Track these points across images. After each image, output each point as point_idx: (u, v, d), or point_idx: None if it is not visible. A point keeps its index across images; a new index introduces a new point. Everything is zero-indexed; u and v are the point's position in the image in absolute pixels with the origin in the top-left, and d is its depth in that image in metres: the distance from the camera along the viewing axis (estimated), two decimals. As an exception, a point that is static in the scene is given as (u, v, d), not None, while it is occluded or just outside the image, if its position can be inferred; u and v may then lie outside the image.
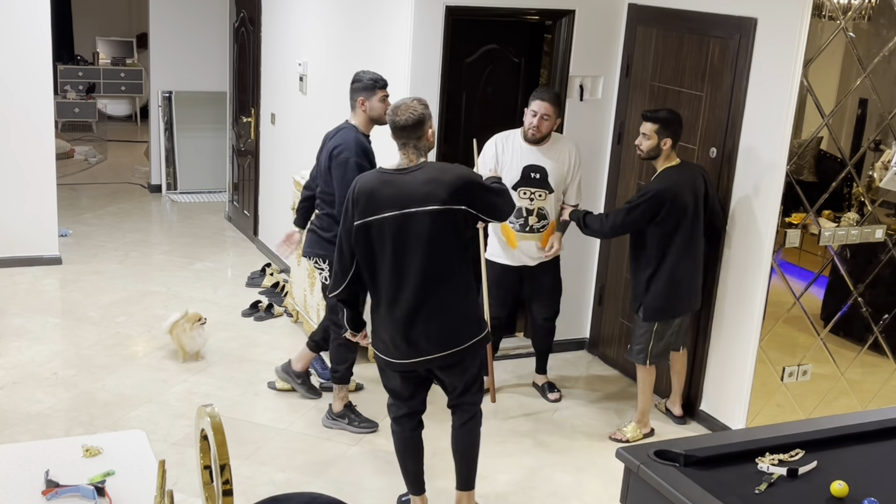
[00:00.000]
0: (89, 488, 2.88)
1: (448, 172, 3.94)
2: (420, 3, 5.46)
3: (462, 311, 4.01)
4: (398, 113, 3.95)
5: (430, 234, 3.86)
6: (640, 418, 5.31)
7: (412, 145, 3.97)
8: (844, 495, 2.87)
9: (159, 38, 9.57)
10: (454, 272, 3.97)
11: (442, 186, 3.86)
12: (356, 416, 5.23)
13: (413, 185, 3.88)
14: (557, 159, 5.29)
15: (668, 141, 4.94)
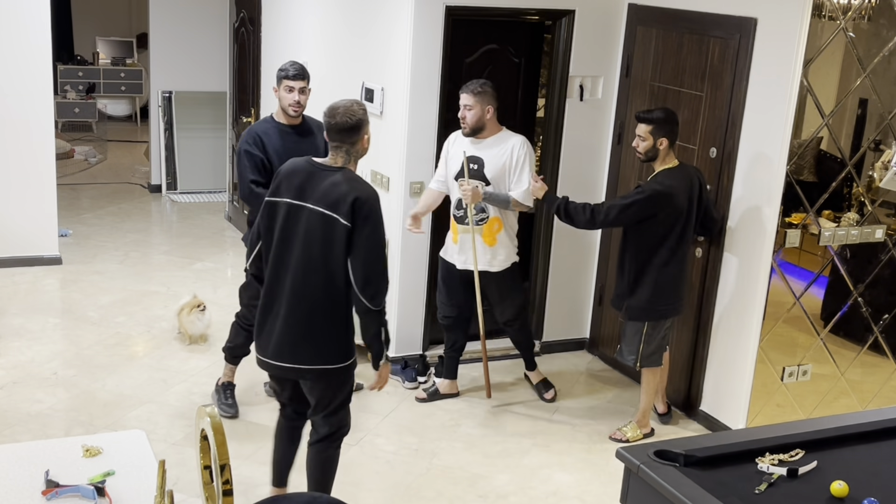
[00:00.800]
0: (89, 488, 2.88)
1: (359, 189, 3.74)
2: (420, 3, 5.46)
3: (317, 329, 3.82)
4: (335, 114, 3.83)
5: (312, 235, 3.75)
6: (641, 418, 5.31)
7: (344, 150, 3.83)
8: (844, 495, 2.87)
9: (159, 38, 9.56)
10: (325, 285, 3.77)
11: (344, 196, 3.70)
12: (225, 396, 5.30)
13: (321, 182, 3.77)
14: (498, 152, 5.18)
15: (664, 141, 4.92)
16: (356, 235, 3.70)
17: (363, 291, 3.73)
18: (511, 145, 5.18)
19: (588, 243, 6.29)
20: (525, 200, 5.19)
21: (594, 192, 6.17)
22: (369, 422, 5.29)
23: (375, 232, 3.75)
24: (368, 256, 3.72)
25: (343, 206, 3.69)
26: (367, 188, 3.80)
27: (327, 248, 3.73)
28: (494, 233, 5.26)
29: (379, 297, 3.77)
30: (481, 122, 5.13)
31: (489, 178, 5.19)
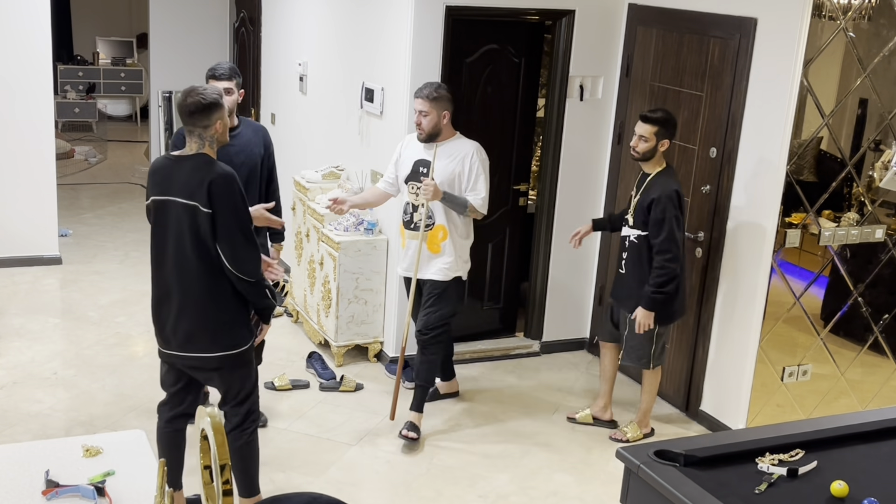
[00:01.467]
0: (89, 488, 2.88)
1: (213, 172, 3.74)
2: (420, 3, 5.46)
3: (210, 319, 3.88)
4: (187, 97, 3.78)
5: (181, 227, 3.80)
6: (642, 418, 5.31)
7: (197, 134, 3.79)
8: (844, 495, 2.87)
9: (159, 38, 9.57)
10: (204, 275, 3.83)
11: (200, 183, 3.72)
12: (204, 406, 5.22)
13: (179, 173, 3.79)
14: (449, 159, 4.98)
15: (665, 143, 4.91)
16: (218, 218, 3.72)
17: (235, 268, 3.78)
18: (464, 152, 4.99)
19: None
20: (481, 209, 5.02)
21: (594, 192, 6.17)
22: (369, 422, 5.29)
23: (235, 210, 3.76)
24: (233, 235, 3.76)
25: (200, 193, 3.71)
26: (221, 169, 3.77)
27: (197, 238, 3.77)
28: (439, 241, 5.06)
29: (252, 269, 3.82)
30: (437, 128, 4.96)
31: (438, 183, 4.97)
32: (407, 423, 5.10)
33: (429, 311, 5.12)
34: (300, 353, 6.11)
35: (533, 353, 6.34)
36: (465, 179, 4.98)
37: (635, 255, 5.04)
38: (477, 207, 5.01)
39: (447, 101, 4.95)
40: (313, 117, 6.95)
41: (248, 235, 3.83)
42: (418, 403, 5.15)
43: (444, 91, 4.96)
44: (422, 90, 4.96)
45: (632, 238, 5.04)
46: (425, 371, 5.16)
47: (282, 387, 5.60)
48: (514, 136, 6.18)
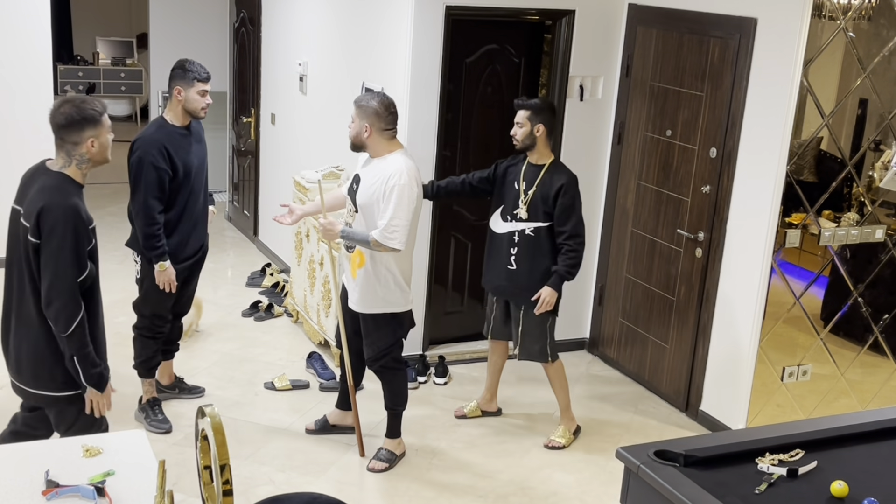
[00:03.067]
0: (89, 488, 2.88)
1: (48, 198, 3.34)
2: (420, 3, 5.46)
3: (33, 353, 3.49)
4: (60, 106, 3.43)
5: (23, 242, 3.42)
6: (565, 416, 5.27)
7: (65, 150, 3.42)
8: (844, 495, 2.87)
9: (159, 38, 9.57)
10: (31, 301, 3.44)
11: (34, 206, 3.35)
12: (154, 413, 5.10)
13: (34, 186, 3.42)
14: (373, 179, 4.53)
15: (540, 127, 4.87)
16: (42, 250, 3.34)
17: (46, 311, 3.40)
18: (387, 174, 4.48)
19: (588, 244, 6.28)
20: (386, 241, 4.42)
21: (594, 192, 6.17)
22: (369, 422, 5.29)
23: (60, 248, 3.32)
24: (50, 275, 3.35)
25: (32, 217, 3.34)
26: (60, 198, 3.34)
27: (28, 261, 3.41)
28: (356, 266, 4.64)
29: (62, 322, 3.39)
30: (359, 139, 4.56)
31: (359, 205, 4.58)
32: (378, 451, 4.89)
33: (367, 342, 4.76)
34: (300, 353, 6.11)
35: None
36: (379, 197, 4.48)
37: (530, 248, 4.94)
38: (380, 241, 4.43)
39: (373, 115, 4.50)
40: (313, 117, 6.95)
41: (65, 282, 3.37)
42: (391, 429, 4.91)
43: (374, 103, 4.52)
44: (357, 96, 4.68)
45: (527, 232, 4.93)
46: (389, 398, 4.87)
47: (282, 387, 5.60)
48: (514, 136, 6.17)
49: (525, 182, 4.94)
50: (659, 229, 5.74)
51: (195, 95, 4.83)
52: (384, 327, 4.70)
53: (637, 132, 5.88)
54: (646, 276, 5.87)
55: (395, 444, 4.93)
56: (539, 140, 4.89)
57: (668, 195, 5.64)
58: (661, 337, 5.79)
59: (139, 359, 5.11)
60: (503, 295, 5.15)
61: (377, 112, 4.52)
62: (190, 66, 4.87)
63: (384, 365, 4.78)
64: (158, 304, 5.00)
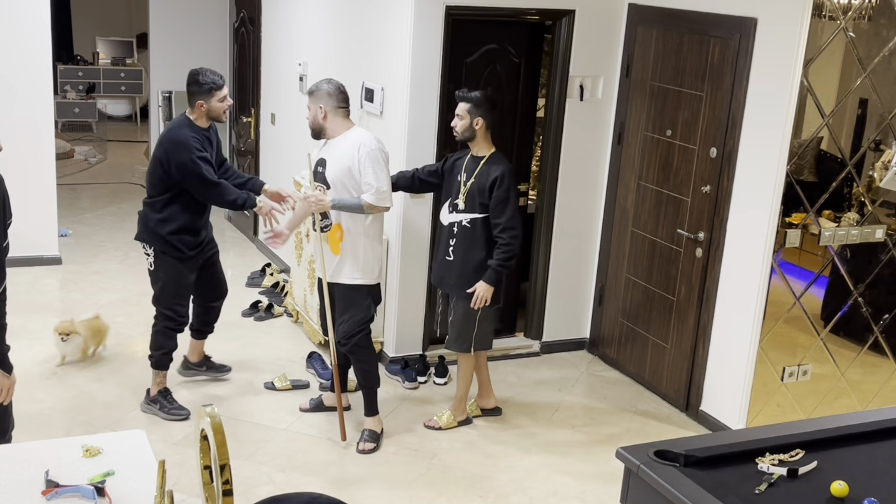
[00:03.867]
0: (89, 488, 2.88)
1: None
2: (420, 3, 5.46)
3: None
4: None
5: None
6: (458, 405, 5.32)
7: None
8: (844, 495, 2.87)
9: (159, 38, 9.56)
10: None
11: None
12: (169, 402, 5.25)
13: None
14: (341, 153, 4.84)
15: (479, 121, 4.93)
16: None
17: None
18: (353, 144, 4.81)
19: (588, 243, 6.29)
20: (380, 202, 4.78)
21: (594, 192, 6.17)
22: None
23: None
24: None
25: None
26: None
27: None
28: (337, 241, 4.88)
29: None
30: (316, 122, 4.87)
31: (329, 182, 4.84)
32: (362, 433, 5.01)
33: (342, 319, 4.93)
34: (300, 353, 6.11)
35: (533, 353, 6.34)
36: (357, 173, 4.79)
37: (467, 239, 5.00)
38: (374, 203, 4.77)
39: (326, 96, 4.82)
40: (313, 117, 6.94)
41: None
42: (368, 408, 5.05)
43: (324, 85, 4.85)
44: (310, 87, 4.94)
45: (464, 223, 4.99)
46: (362, 376, 5.02)
47: (282, 387, 5.60)
48: (514, 136, 6.18)
49: (465, 174, 5.03)
50: (659, 229, 5.74)
51: (217, 103, 5.06)
52: (360, 301, 4.91)
53: (637, 132, 5.88)
54: (646, 276, 5.88)
55: (375, 422, 5.06)
56: (479, 132, 4.97)
57: (668, 195, 5.64)
58: (661, 337, 5.79)
59: (158, 350, 5.26)
60: (443, 287, 5.26)
61: (329, 93, 4.84)
62: (203, 77, 5.05)
63: (357, 343, 4.92)
64: (176, 290, 5.19)
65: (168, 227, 5.05)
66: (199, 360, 5.67)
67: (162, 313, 5.24)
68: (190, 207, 5.08)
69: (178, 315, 5.23)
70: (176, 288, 5.17)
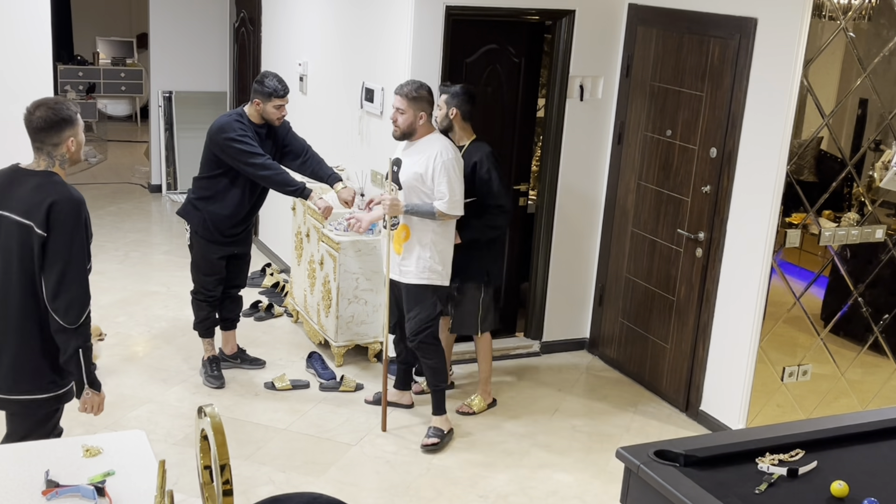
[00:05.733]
0: (89, 488, 2.88)
1: (57, 193, 3.37)
2: (420, 3, 5.46)
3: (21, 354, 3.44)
4: (36, 110, 3.48)
5: (9, 247, 3.40)
6: (484, 388, 5.50)
7: (45, 152, 3.48)
8: (844, 495, 2.87)
9: (159, 38, 9.56)
10: (22, 305, 3.41)
11: (41, 202, 3.35)
12: (209, 370, 5.65)
13: (21, 189, 3.42)
14: (418, 158, 4.91)
15: (454, 111, 5.09)
16: (50, 243, 3.33)
17: (53, 304, 3.35)
18: (430, 152, 4.88)
19: (588, 243, 6.29)
20: (451, 211, 4.88)
21: (594, 192, 6.17)
22: (369, 422, 5.29)
23: (72, 240, 3.35)
24: (61, 266, 3.34)
25: (38, 213, 3.33)
26: (68, 192, 3.40)
27: (24, 261, 3.37)
28: (401, 241, 4.97)
29: (73, 313, 3.36)
30: (412, 127, 4.91)
31: (402, 183, 4.92)
32: (428, 430, 5.13)
33: (409, 316, 5.04)
34: (300, 353, 6.11)
35: (533, 353, 6.34)
36: (430, 180, 4.87)
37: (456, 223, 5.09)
38: (446, 211, 4.87)
39: (426, 103, 4.90)
40: (313, 117, 6.95)
41: (78, 272, 3.39)
42: (436, 407, 5.15)
43: (424, 92, 4.90)
44: (402, 87, 4.92)
45: None
46: (431, 374, 5.12)
47: (282, 387, 5.60)
48: (514, 136, 6.18)
49: None
50: (659, 229, 5.74)
51: (272, 109, 5.33)
52: (427, 299, 4.99)
53: (637, 132, 5.88)
54: (646, 275, 5.88)
55: (442, 421, 5.14)
56: (455, 122, 5.13)
57: (668, 195, 5.64)
58: (661, 337, 5.79)
59: (196, 320, 5.69)
60: None
61: (429, 100, 4.95)
62: (269, 82, 5.30)
63: (424, 340, 5.02)
64: (202, 271, 5.56)
65: (209, 206, 5.40)
66: (232, 352, 5.87)
67: (194, 286, 5.64)
68: (236, 192, 5.37)
69: (207, 290, 5.58)
70: (205, 266, 5.53)
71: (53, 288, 3.34)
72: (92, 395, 3.58)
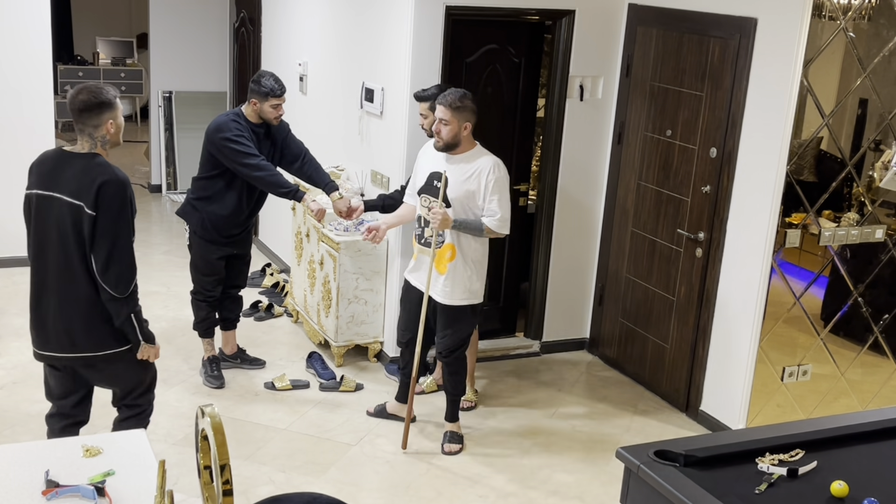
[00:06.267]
0: (89, 488, 2.88)
1: (105, 174, 3.66)
2: (420, 3, 5.46)
3: (97, 317, 3.79)
4: (78, 93, 3.72)
5: (64, 226, 3.72)
6: (470, 379, 5.56)
7: (87, 133, 3.72)
8: (844, 495, 2.87)
9: (159, 38, 9.56)
10: (86, 275, 3.73)
11: (90, 183, 3.64)
12: (209, 369, 5.66)
13: (68, 171, 3.72)
14: (464, 173, 4.78)
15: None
16: (99, 220, 3.65)
17: (104, 278, 3.69)
18: (480, 168, 4.78)
19: (588, 243, 6.29)
20: (499, 230, 4.81)
21: (594, 192, 6.17)
22: (369, 422, 5.29)
23: (119, 218, 3.68)
24: (110, 243, 3.67)
25: (88, 193, 3.64)
26: (114, 173, 3.69)
27: (78, 237, 3.70)
28: (446, 261, 4.84)
29: (122, 284, 3.72)
30: (457, 138, 4.77)
31: (450, 199, 4.79)
32: (445, 435, 5.09)
33: (445, 333, 4.95)
34: (300, 353, 6.11)
35: (533, 353, 6.35)
36: (481, 198, 4.79)
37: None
38: (495, 229, 4.81)
39: (470, 113, 4.77)
40: (313, 117, 6.95)
41: (125, 247, 3.72)
42: (451, 414, 5.13)
43: (468, 101, 4.77)
44: (445, 97, 4.76)
45: None
46: (453, 386, 5.09)
47: (282, 387, 5.60)
48: (514, 136, 6.18)
49: None
50: (659, 229, 5.74)
51: (269, 108, 5.34)
52: (466, 318, 4.96)
53: (637, 132, 5.88)
54: (646, 275, 5.88)
55: (458, 427, 5.15)
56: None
57: (668, 195, 5.64)
58: (661, 337, 5.79)
59: (196, 320, 5.70)
60: None
61: (473, 110, 4.81)
62: (265, 81, 5.32)
63: (458, 356, 5.02)
64: (201, 271, 5.58)
65: (207, 206, 5.42)
66: (232, 352, 5.88)
67: (193, 286, 5.66)
68: (234, 193, 5.38)
69: (206, 290, 5.60)
70: (204, 266, 5.55)
71: (103, 263, 3.68)
72: (147, 348, 3.97)
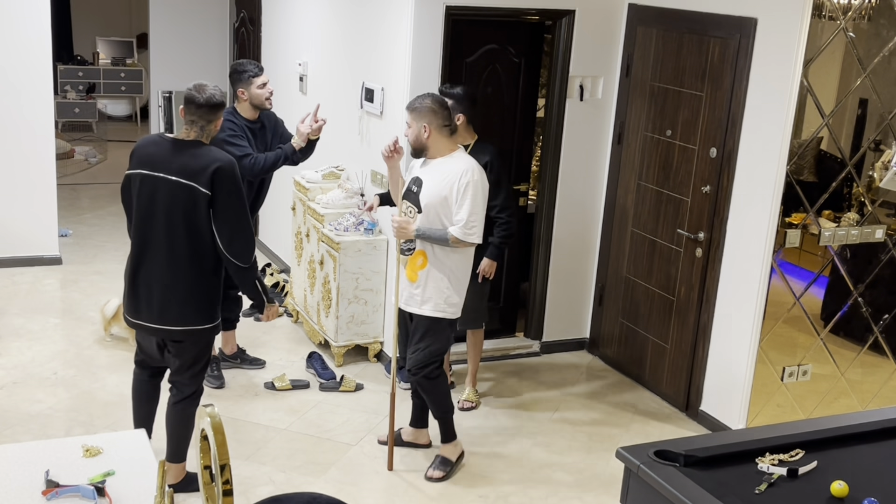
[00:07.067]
0: (89, 488, 2.88)
1: (219, 160, 4.04)
2: (420, 3, 5.46)
3: (187, 292, 4.12)
4: (202, 90, 4.10)
5: (174, 204, 4.03)
6: (473, 379, 5.63)
7: (199, 126, 4.11)
8: (844, 495, 2.87)
9: (159, 38, 9.57)
10: (186, 250, 4.07)
11: (205, 167, 4.01)
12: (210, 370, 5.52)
13: (174, 154, 4.06)
14: (440, 178, 4.51)
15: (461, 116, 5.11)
16: (218, 201, 4.02)
17: (229, 250, 4.06)
18: (454, 172, 4.47)
19: (588, 243, 6.29)
20: (465, 237, 4.45)
21: (594, 192, 6.17)
22: (369, 422, 5.30)
23: (237, 196, 4.07)
24: (232, 219, 4.05)
25: (203, 175, 3.99)
26: (225, 157, 4.09)
27: (189, 216, 4.03)
28: (417, 268, 4.58)
29: (246, 254, 4.12)
30: (419, 142, 4.55)
31: (423, 205, 4.52)
32: (435, 459, 4.82)
33: (416, 347, 4.64)
34: (300, 353, 6.11)
35: (533, 353, 6.35)
36: (452, 203, 4.48)
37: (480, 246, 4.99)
38: (461, 238, 4.45)
39: (429, 113, 4.50)
40: (313, 117, 6.94)
41: (245, 222, 4.10)
42: (444, 435, 4.81)
43: (428, 102, 4.53)
44: (411, 102, 4.63)
45: None
46: (435, 408, 4.77)
47: (282, 387, 5.60)
48: (514, 136, 6.18)
49: None
50: (659, 229, 5.74)
51: (257, 90, 5.40)
52: (440, 332, 4.63)
53: (637, 132, 5.88)
54: (646, 275, 5.88)
55: (451, 449, 4.83)
56: (459, 126, 5.04)
57: (668, 195, 5.65)
58: (661, 337, 5.79)
59: None
60: None
61: (433, 110, 4.52)
62: (240, 67, 5.43)
63: (427, 375, 4.65)
64: None
65: None
66: (232, 352, 5.86)
67: None
68: None
69: None
70: None
71: (228, 237, 4.05)
72: (270, 308, 4.41)
